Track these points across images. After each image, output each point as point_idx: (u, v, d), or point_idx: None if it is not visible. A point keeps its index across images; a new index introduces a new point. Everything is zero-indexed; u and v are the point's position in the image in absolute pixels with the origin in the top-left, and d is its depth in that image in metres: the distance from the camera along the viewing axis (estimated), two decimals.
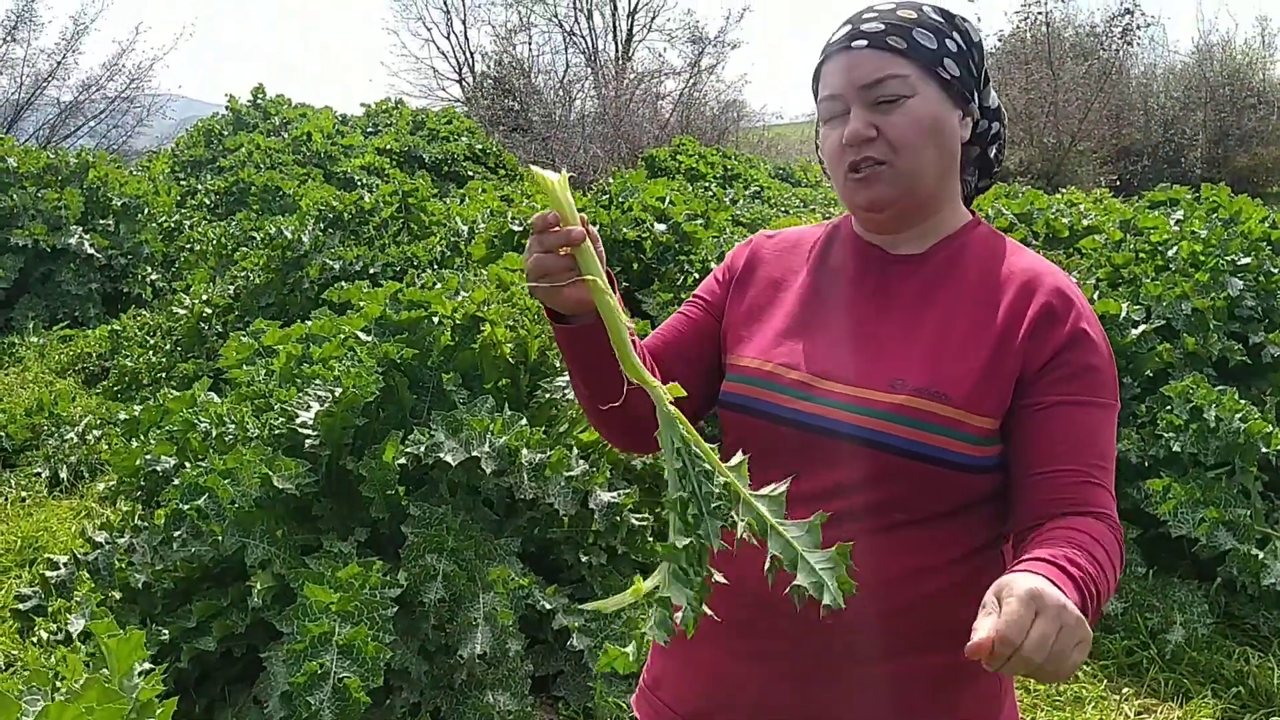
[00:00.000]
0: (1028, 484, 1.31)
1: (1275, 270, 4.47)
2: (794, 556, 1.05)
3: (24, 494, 4.90)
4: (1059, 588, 1.09)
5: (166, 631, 2.95)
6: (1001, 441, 1.33)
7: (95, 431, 5.36)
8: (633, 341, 1.22)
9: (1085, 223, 5.64)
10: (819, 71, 1.44)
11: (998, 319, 1.35)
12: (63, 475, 5.04)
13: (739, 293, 1.52)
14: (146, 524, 3.24)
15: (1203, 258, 4.53)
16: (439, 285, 3.73)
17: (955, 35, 1.40)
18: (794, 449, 1.35)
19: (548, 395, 3.56)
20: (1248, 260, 4.44)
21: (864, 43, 1.37)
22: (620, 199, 6.59)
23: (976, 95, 1.43)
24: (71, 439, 5.28)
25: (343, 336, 3.58)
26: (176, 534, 2.95)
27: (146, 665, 1.61)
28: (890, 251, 1.45)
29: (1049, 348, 1.32)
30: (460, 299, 3.54)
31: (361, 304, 3.65)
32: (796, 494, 1.26)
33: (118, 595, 3.13)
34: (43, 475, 5.06)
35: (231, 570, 3.15)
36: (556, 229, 1.25)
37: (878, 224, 1.44)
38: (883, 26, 1.38)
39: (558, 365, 3.72)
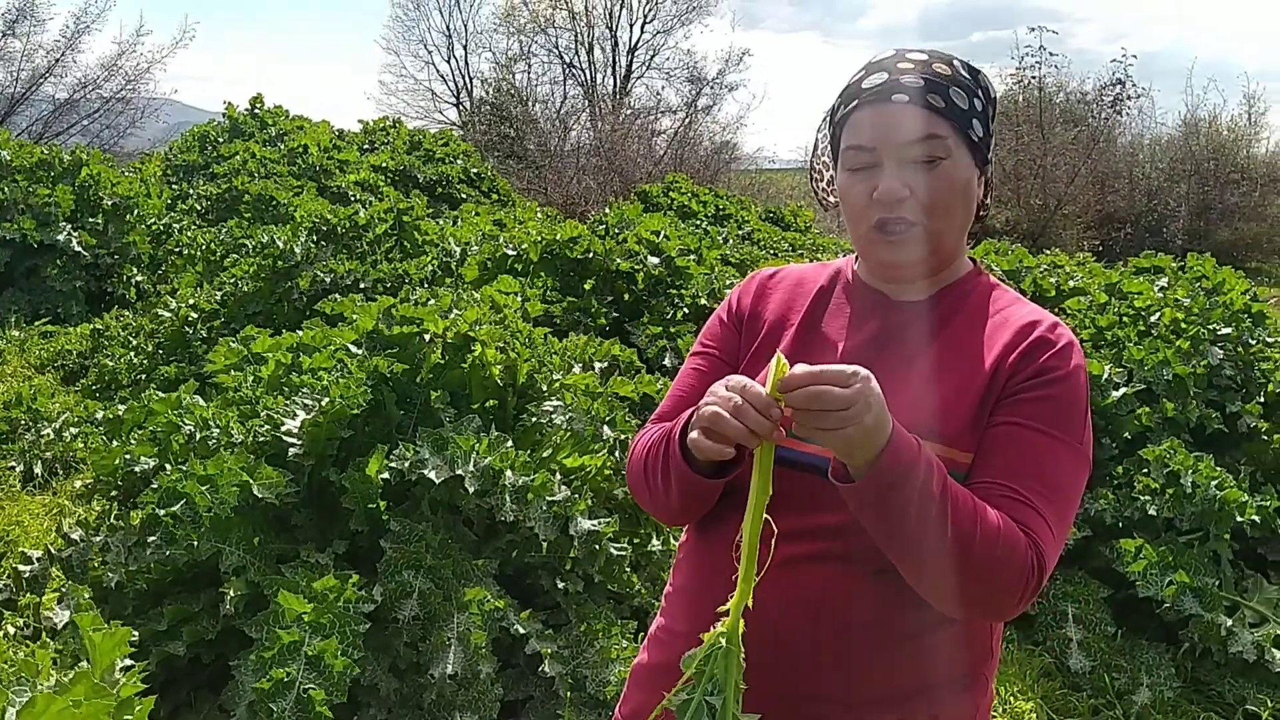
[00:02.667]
0: None
1: (1254, 342, 4.55)
2: None
3: None
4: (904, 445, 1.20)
5: (136, 633, 2.91)
6: None
7: (72, 429, 5.31)
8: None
9: (1071, 284, 5.72)
10: (848, 117, 1.41)
11: (991, 363, 1.37)
12: (37, 471, 4.99)
13: (748, 333, 1.53)
14: (123, 524, 3.22)
15: (1185, 325, 4.61)
16: (432, 303, 3.74)
17: (980, 93, 1.41)
18: (799, 489, 1.36)
19: (534, 419, 3.57)
20: (1228, 330, 4.52)
21: (905, 98, 1.36)
22: (616, 230, 6.63)
23: (992, 153, 1.45)
24: (48, 435, 5.24)
25: (333, 348, 3.58)
26: (150, 538, 2.93)
27: (127, 662, 1.61)
28: (894, 298, 1.48)
29: (1020, 376, 1.35)
30: (453, 318, 3.55)
31: (354, 317, 3.65)
32: (802, 529, 1.29)
33: (88, 594, 3.10)
34: (17, 470, 5.01)
35: (205, 575, 3.13)
36: (770, 419, 1.21)
37: (894, 276, 1.45)
38: (922, 82, 1.36)
39: (545, 390, 3.73)
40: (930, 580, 1.27)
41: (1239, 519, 3.68)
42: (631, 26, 32.65)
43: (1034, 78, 21.42)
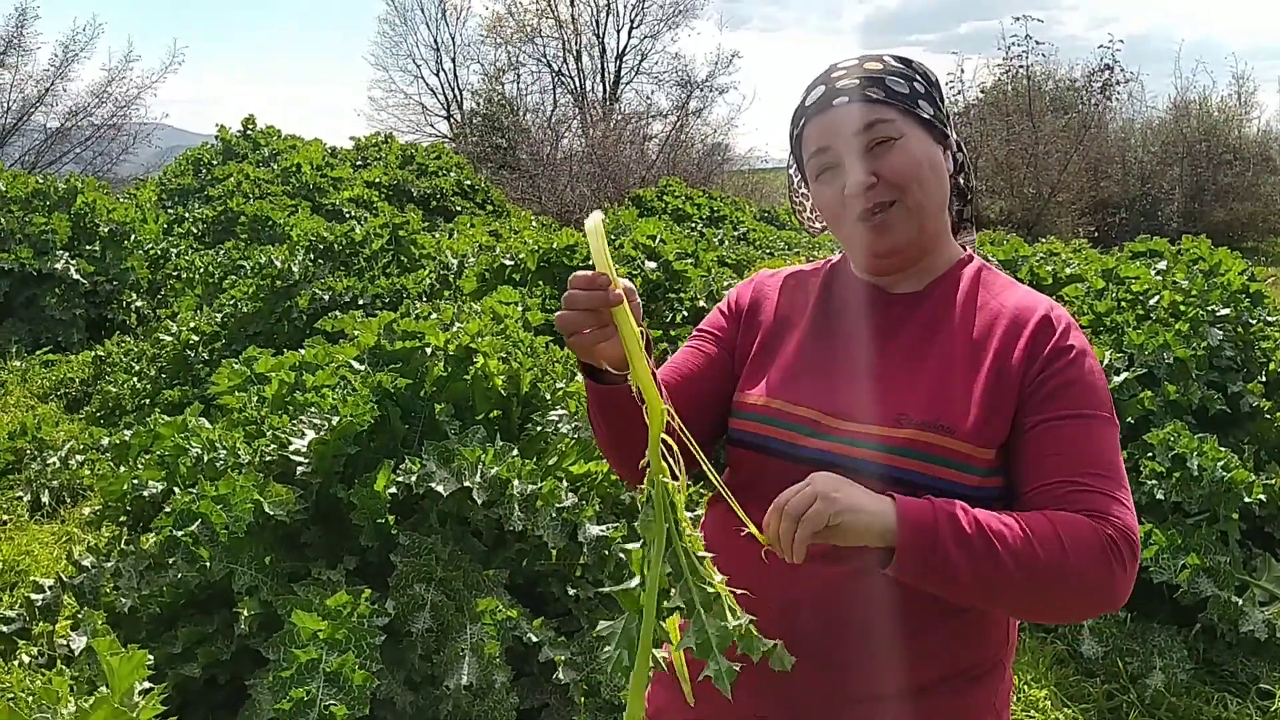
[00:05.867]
0: (1022, 504, 1.34)
1: (1253, 322, 4.56)
2: (707, 646, 1.12)
3: (5, 518, 4.86)
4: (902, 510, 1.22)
5: (151, 657, 2.93)
6: (1003, 474, 1.37)
7: (78, 456, 5.33)
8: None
9: (1068, 271, 5.73)
10: (801, 135, 1.48)
11: (994, 351, 1.39)
12: (44, 500, 5.00)
13: (747, 330, 1.55)
14: (133, 548, 3.23)
15: (1183, 308, 4.62)
16: (434, 316, 3.75)
17: (919, 78, 1.46)
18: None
19: (539, 428, 3.58)
20: (1227, 311, 4.53)
21: (844, 99, 1.42)
22: (612, 237, 6.65)
23: (950, 129, 1.49)
24: (54, 463, 5.25)
25: (335, 365, 3.60)
26: (170, 560, 2.94)
27: (146, 685, 1.62)
28: (890, 291, 1.49)
29: (1035, 369, 1.37)
30: (454, 330, 3.56)
31: (355, 333, 3.67)
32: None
33: (103, 619, 3.11)
34: (24, 499, 5.02)
35: (217, 597, 3.14)
36: (597, 289, 1.24)
37: (887, 267, 1.47)
38: (856, 81, 1.43)
39: (549, 398, 3.74)
40: (1022, 606, 1.30)
41: (1246, 499, 3.69)
42: (618, 32, 32.76)
43: (1022, 67, 21.47)
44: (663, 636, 1.16)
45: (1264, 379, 4.42)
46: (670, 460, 1.18)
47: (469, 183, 15.03)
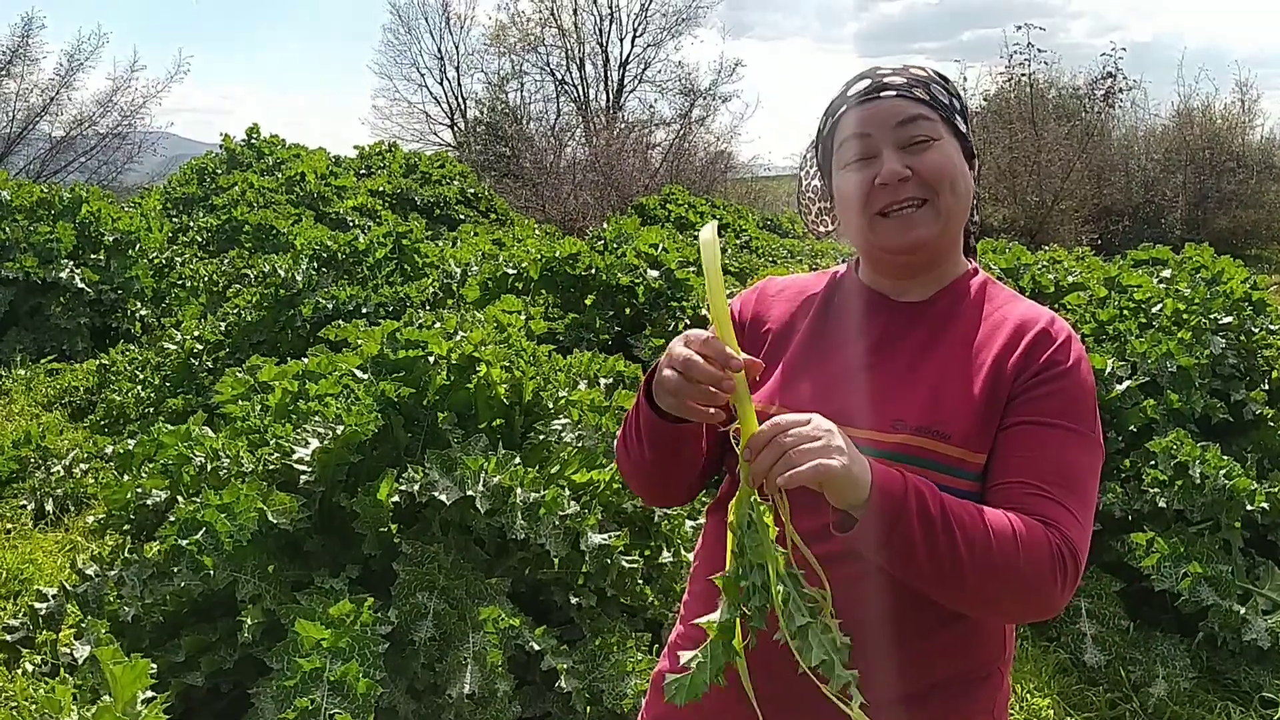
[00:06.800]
0: (986, 499, 1.35)
1: (1256, 330, 4.56)
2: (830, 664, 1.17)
3: (9, 526, 4.87)
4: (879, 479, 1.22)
5: (154, 666, 2.93)
6: None
7: (82, 465, 5.34)
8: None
9: (1070, 279, 5.73)
10: (839, 122, 1.48)
11: (993, 360, 1.40)
12: (48, 508, 5.01)
13: (751, 342, 1.56)
14: (137, 557, 3.24)
15: (1186, 316, 4.62)
16: (437, 325, 3.76)
17: (957, 97, 1.49)
18: (807, 490, 1.38)
19: (541, 436, 3.58)
20: (1229, 319, 4.52)
21: (892, 92, 1.43)
22: (615, 245, 6.66)
23: (976, 157, 1.51)
24: (58, 472, 5.26)
25: (339, 374, 3.61)
26: (175, 568, 2.95)
27: (149, 694, 1.62)
28: (895, 298, 1.50)
29: (1027, 375, 1.38)
30: (457, 339, 3.57)
31: (359, 342, 3.68)
32: (812, 530, 1.31)
33: (106, 627, 3.12)
34: (28, 508, 5.03)
35: (220, 605, 3.14)
36: (722, 366, 1.25)
37: (900, 266, 1.48)
38: (904, 80, 1.45)
39: (551, 407, 3.75)
40: (965, 597, 1.29)
41: (1249, 507, 3.69)
42: (621, 41, 32.84)
43: (1024, 75, 21.49)
44: (732, 658, 1.20)
45: (1267, 387, 4.42)
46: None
47: (472, 191, 15.07)
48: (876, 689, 1.37)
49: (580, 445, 3.55)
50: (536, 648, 3.06)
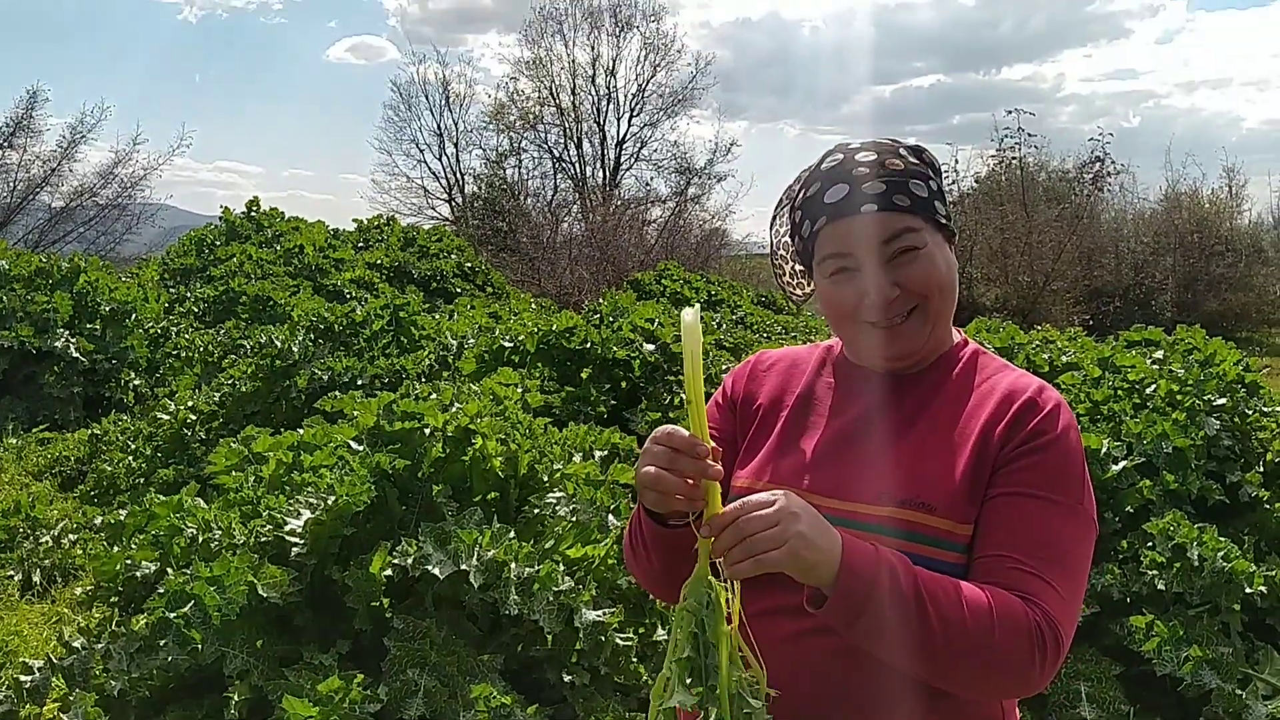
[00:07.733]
0: (969, 573, 1.33)
1: (1250, 412, 4.57)
2: None
3: None
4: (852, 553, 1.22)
5: None
6: None
7: (71, 535, 5.28)
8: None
9: (1064, 359, 5.75)
10: (818, 233, 1.44)
11: (980, 430, 1.39)
12: (35, 579, 4.94)
13: (742, 419, 1.56)
14: (124, 630, 3.18)
15: (1180, 397, 4.63)
16: (434, 397, 3.76)
17: (932, 174, 1.46)
18: None
19: (536, 510, 3.56)
20: (1223, 401, 4.54)
21: (873, 206, 1.39)
22: (610, 319, 6.70)
23: (951, 222, 1.49)
24: (46, 542, 5.21)
25: (334, 445, 3.59)
26: (162, 642, 2.90)
27: None
28: (882, 372, 1.50)
29: (1012, 444, 1.37)
30: (453, 411, 3.57)
31: (355, 413, 3.67)
32: (791, 606, 1.30)
33: (93, 701, 3.05)
34: (15, 579, 4.97)
35: (208, 680, 3.09)
36: (699, 457, 1.27)
37: (898, 368, 1.47)
38: (884, 186, 1.40)
39: (547, 480, 3.74)
40: (939, 674, 1.28)
41: (1248, 590, 3.66)
42: (618, 120, 33.37)
43: (1015, 158, 21.87)
44: None
45: (1262, 469, 4.41)
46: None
47: (469, 265, 15.18)
48: None
49: (575, 520, 3.53)
50: None
